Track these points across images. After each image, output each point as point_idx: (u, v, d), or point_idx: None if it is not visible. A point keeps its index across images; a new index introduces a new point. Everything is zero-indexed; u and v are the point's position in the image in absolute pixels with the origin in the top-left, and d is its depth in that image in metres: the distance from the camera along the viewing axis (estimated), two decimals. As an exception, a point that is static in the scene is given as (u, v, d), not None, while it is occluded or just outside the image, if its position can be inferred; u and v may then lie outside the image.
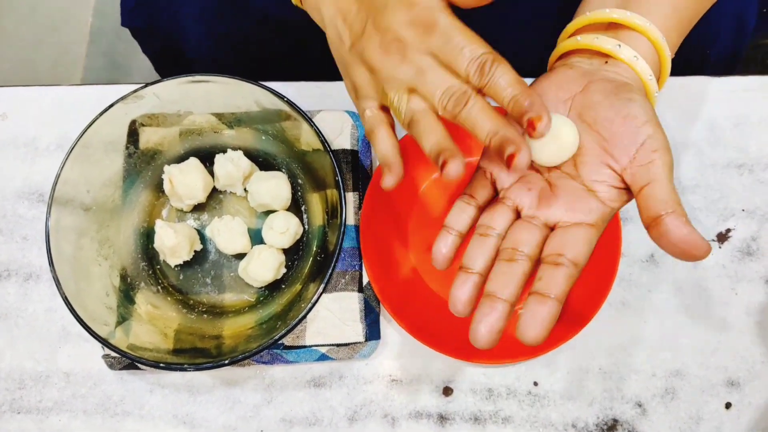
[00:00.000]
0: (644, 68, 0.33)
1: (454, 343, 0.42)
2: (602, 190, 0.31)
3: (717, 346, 0.44)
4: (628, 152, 0.30)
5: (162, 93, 0.41)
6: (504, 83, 0.28)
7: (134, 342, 0.40)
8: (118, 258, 0.42)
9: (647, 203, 0.29)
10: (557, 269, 0.29)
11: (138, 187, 0.44)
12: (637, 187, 0.30)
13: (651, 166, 0.29)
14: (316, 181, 0.43)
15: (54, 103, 0.48)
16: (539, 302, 0.29)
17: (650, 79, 0.33)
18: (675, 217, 0.28)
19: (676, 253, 0.28)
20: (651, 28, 0.33)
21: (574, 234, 0.30)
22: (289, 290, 0.42)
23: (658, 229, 0.28)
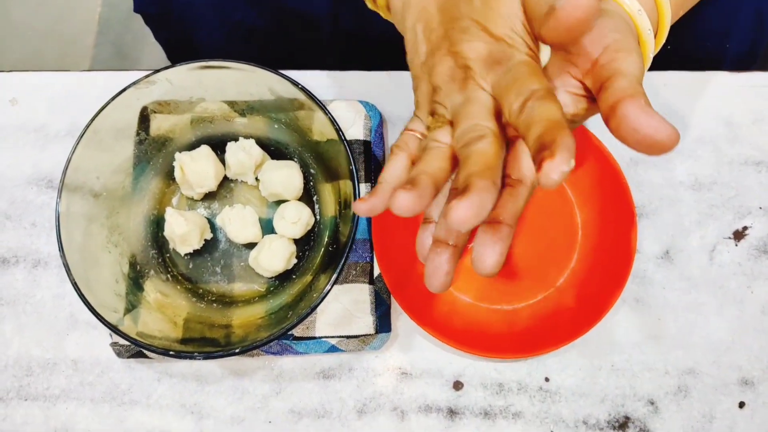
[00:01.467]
0: (631, 4, 0.30)
1: (465, 337, 0.42)
2: (561, 98, 0.28)
3: (731, 344, 0.43)
4: (591, 56, 0.27)
5: (175, 78, 0.40)
6: (539, 118, 0.25)
7: (143, 330, 0.39)
8: (127, 245, 0.42)
9: (605, 95, 0.25)
10: (509, 191, 0.27)
11: (148, 174, 0.43)
12: (596, 87, 0.27)
13: (612, 63, 0.26)
14: (329, 172, 0.42)
15: (64, 89, 0.48)
16: (492, 230, 0.27)
17: (639, 13, 0.30)
18: (632, 101, 0.24)
19: (638, 145, 0.24)
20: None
21: (526, 151, 0.28)
22: (300, 281, 0.42)
23: (614, 119, 0.24)
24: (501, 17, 0.28)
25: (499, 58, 0.27)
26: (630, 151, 0.47)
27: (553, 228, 0.45)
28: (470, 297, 0.44)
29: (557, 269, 0.44)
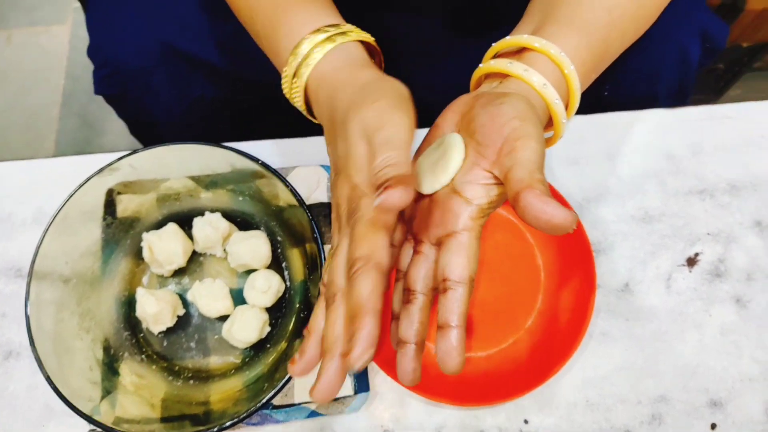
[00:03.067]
0: (535, 78, 0.33)
1: (443, 389, 0.43)
2: (471, 191, 0.31)
3: (696, 368, 0.45)
4: (495, 147, 0.30)
5: (137, 163, 0.41)
6: (352, 299, 0.29)
7: (121, 414, 0.39)
8: (100, 330, 0.42)
9: (509, 186, 0.29)
10: (447, 296, 0.30)
11: (117, 256, 0.44)
12: (503, 176, 0.30)
13: (513, 152, 0.29)
14: (295, 237, 0.44)
15: (28, 178, 0.48)
16: (444, 336, 0.30)
17: (544, 87, 0.33)
18: (529, 191, 0.27)
19: (542, 228, 0.27)
20: (541, 43, 0.34)
21: (449, 249, 0.31)
22: (275, 349, 0.42)
23: (519, 207, 0.28)
24: (354, 167, 0.31)
25: (352, 209, 0.31)
26: (582, 191, 0.49)
27: (517, 272, 0.47)
28: (444, 347, 0.45)
29: (525, 312, 0.46)
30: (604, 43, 0.36)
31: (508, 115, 0.31)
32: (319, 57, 0.34)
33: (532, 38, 0.34)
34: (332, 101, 0.34)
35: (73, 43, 1.09)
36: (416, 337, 0.31)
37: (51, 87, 1.05)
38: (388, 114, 0.30)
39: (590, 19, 0.35)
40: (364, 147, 0.30)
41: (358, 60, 0.35)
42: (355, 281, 0.29)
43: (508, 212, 0.48)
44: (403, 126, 0.30)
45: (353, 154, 0.31)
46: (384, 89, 0.32)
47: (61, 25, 1.10)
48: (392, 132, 0.30)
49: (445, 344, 0.30)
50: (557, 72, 0.34)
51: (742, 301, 0.46)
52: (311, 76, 0.35)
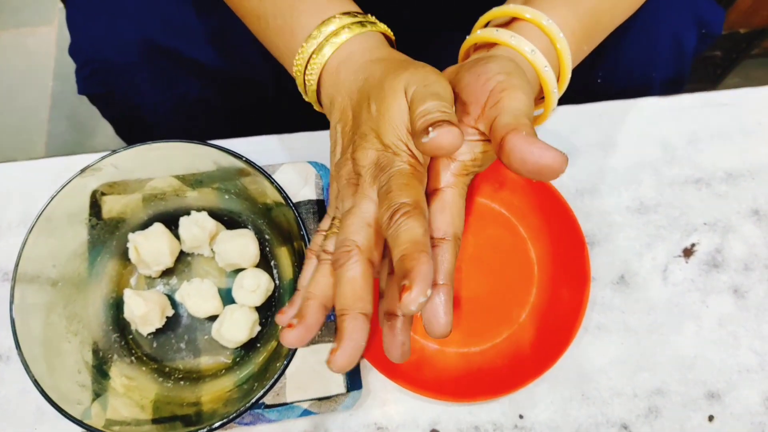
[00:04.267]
0: (522, 44, 0.32)
1: (436, 385, 0.42)
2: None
3: (693, 360, 0.44)
4: (480, 102, 0.29)
5: (120, 163, 0.41)
6: (402, 239, 0.27)
7: (112, 416, 0.39)
8: (88, 332, 0.41)
9: (494, 134, 0.27)
10: (433, 254, 0.28)
11: (104, 258, 0.43)
12: (488, 128, 0.28)
13: (498, 104, 0.28)
14: (283, 235, 0.43)
15: (14, 179, 0.48)
16: (431, 296, 0.28)
17: (533, 54, 0.32)
18: (514, 134, 0.26)
19: (529, 173, 0.25)
20: (532, 13, 0.33)
21: (432, 208, 0.29)
22: (265, 348, 0.42)
23: (504, 154, 0.26)
24: (390, 125, 0.29)
25: (383, 166, 0.29)
26: (575, 182, 0.48)
27: (510, 266, 0.46)
28: (437, 343, 0.45)
29: (518, 306, 0.45)
30: (594, 13, 0.35)
31: (492, 71, 0.29)
32: (346, 37, 0.33)
33: (522, 7, 0.33)
34: (361, 74, 0.32)
35: (60, 44, 1.08)
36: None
37: (39, 89, 1.04)
38: (433, 76, 0.29)
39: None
40: (404, 102, 0.29)
41: (387, 46, 0.34)
42: (405, 223, 0.26)
43: (499, 205, 0.47)
44: (449, 88, 0.29)
45: (391, 110, 0.29)
46: (422, 64, 0.31)
47: (48, 26, 1.09)
48: (439, 88, 0.29)
49: (432, 304, 0.27)
50: (547, 41, 0.33)
51: (739, 291, 0.46)
52: (335, 54, 0.33)
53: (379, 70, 0.31)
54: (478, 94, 0.30)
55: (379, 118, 0.30)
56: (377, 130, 0.30)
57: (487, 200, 0.47)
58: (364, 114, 0.31)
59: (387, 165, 0.29)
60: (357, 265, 0.28)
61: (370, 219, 0.29)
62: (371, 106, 0.30)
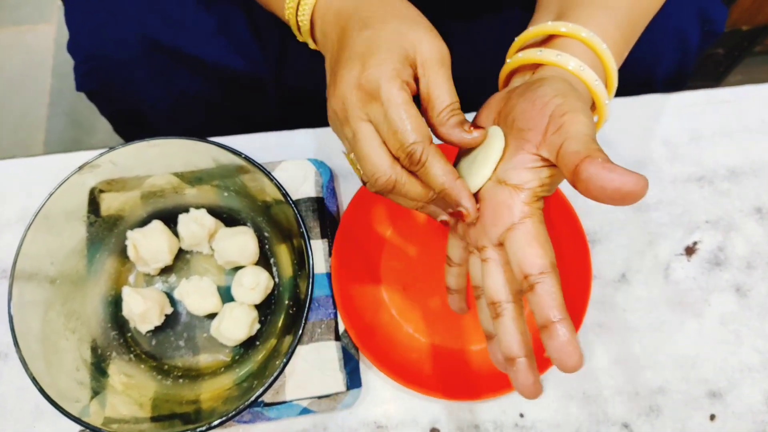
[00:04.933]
0: (568, 60, 0.31)
1: (436, 383, 0.42)
2: (517, 177, 0.30)
3: (696, 359, 0.44)
4: (540, 128, 0.28)
5: (118, 160, 0.40)
6: (434, 173, 0.30)
7: (111, 414, 0.39)
8: (86, 330, 0.41)
9: (563, 161, 0.27)
10: (536, 292, 0.28)
11: (102, 255, 0.43)
12: (554, 156, 0.28)
13: (561, 129, 0.27)
14: (282, 233, 0.43)
15: (12, 176, 0.48)
16: (551, 334, 0.28)
17: (581, 69, 0.32)
18: (590, 162, 0.25)
19: (610, 200, 0.25)
20: (576, 30, 0.32)
21: (516, 242, 0.29)
22: (264, 346, 0.41)
23: (580, 180, 0.26)
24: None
25: (369, 92, 0.30)
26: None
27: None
28: (437, 341, 0.44)
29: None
30: (630, 17, 0.34)
31: (548, 95, 0.29)
32: None
33: (558, 24, 0.33)
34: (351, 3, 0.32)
35: (59, 42, 1.08)
36: (524, 349, 0.30)
37: (38, 87, 1.04)
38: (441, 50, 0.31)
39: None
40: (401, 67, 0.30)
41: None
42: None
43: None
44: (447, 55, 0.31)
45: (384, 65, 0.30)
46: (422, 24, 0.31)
47: (47, 24, 1.09)
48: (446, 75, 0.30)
49: (556, 342, 0.27)
50: (590, 54, 0.32)
51: (742, 289, 0.45)
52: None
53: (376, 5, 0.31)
54: (536, 120, 0.29)
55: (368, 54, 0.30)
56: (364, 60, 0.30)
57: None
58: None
59: (373, 91, 0.30)
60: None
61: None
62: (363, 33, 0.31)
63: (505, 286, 0.30)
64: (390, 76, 0.29)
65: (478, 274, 0.32)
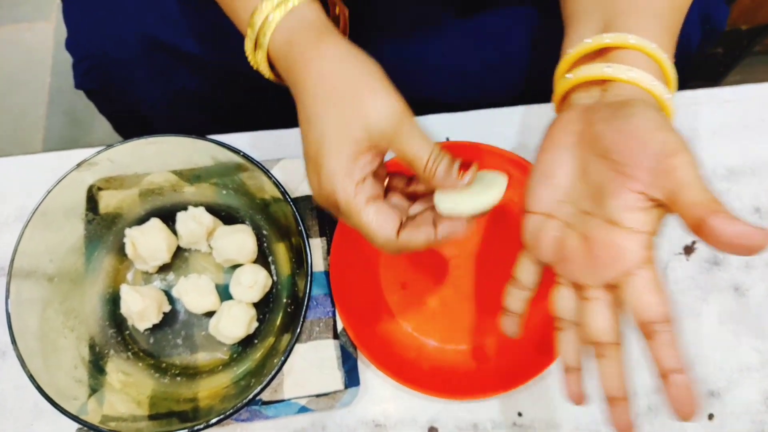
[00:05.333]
0: (642, 77, 0.31)
1: (434, 382, 0.42)
2: (632, 220, 0.29)
3: (694, 358, 0.44)
4: (646, 167, 0.28)
5: (116, 157, 0.40)
6: (417, 246, 0.32)
7: (109, 412, 0.39)
8: (85, 328, 0.41)
9: (685, 211, 0.28)
10: (658, 341, 0.30)
11: (101, 253, 0.43)
12: (668, 198, 0.28)
13: (674, 174, 0.28)
14: (281, 231, 0.43)
15: (11, 174, 0.48)
16: (673, 383, 0.29)
17: (654, 85, 0.31)
18: (717, 217, 0.26)
19: (733, 251, 0.27)
20: (637, 41, 0.32)
21: (638, 289, 0.29)
22: (262, 344, 0.41)
23: (707, 235, 0.27)
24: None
25: (330, 202, 0.33)
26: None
27: (510, 263, 0.45)
28: (436, 340, 0.44)
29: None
30: (673, 23, 0.34)
31: (647, 129, 0.29)
32: (273, 27, 0.32)
33: (622, 35, 0.32)
34: (299, 86, 0.32)
35: (57, 40, 1.08)
36: (626, 392, 0.31)
37: (37, 85, 1.04)
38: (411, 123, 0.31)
39: (657, 2, 0.33)
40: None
41: (314, 27, 0.33)
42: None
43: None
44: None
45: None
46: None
47: (45, 22, 1.09)
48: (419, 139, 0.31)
49: (676, 391, 0.29)
50: (654, 65, 0.32)
51: (740, 289, 0.45)
52: (271, 47, 0.33)
53: (311, 98, 0.32)
54: (638, 157, 0.29)
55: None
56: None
57: (487, 197, 0.47)
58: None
59: (332, 201, 0.32)
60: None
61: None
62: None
63: (613, 328, 0.31)
64: (342, 186, 0.31)
65: (569, 308, 0.33)
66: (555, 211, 0.33)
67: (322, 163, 0.31)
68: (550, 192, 0.33)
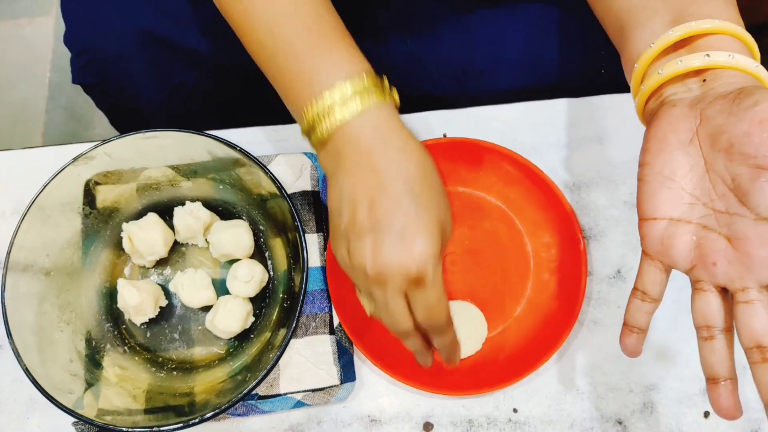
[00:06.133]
0: (746, 62, 0.30)
1: (430, 378, 0.42)
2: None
3: (690, 356, 0.44)
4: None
5: (113, 152, 0.40)
6: (447, 337, 0.35)
7: (105, 406, 0.39)
8: (81, 322, 0.41)
9: None
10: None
11: (98, 247, 0.43)
12: None
13: None
14: (277, 226, 0.43)
15: (9, 168, 0.48)
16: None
17: (757, 68, 0.30)
18: None
19: None
20: (724, 24, 0.30)
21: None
22: (258, 339, 0.41)
23: None
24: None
25: (417, 279, 0.33)
26: (573, 176, 0.48)
27: (506, 259, 0.46)
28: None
29: (513, 300, 0.45)
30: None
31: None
32: (353, 113, 0.33)
33: (707, 21, 0.31)
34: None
35: (57, 35, 1.08)
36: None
37: (37, 80, 1.04)
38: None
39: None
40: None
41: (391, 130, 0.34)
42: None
43: (496, 198, 0.47)
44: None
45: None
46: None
47: (46, 17, 1.09)
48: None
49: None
50: (743, 47, 0.31)
51: (736, 286, 0.45)
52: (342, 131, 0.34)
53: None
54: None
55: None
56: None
57: (484, 193, 0.47)
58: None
59: (421, 278, 0.32)
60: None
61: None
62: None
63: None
64: (436, 261, 0.32)
65: (714, 314, 0.31)
66: (685, 214, 0.31)
67: (418, 231, 0.32)
68: (673, 195, 0.31)
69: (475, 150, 0.46)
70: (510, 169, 0.46)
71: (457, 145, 0.46)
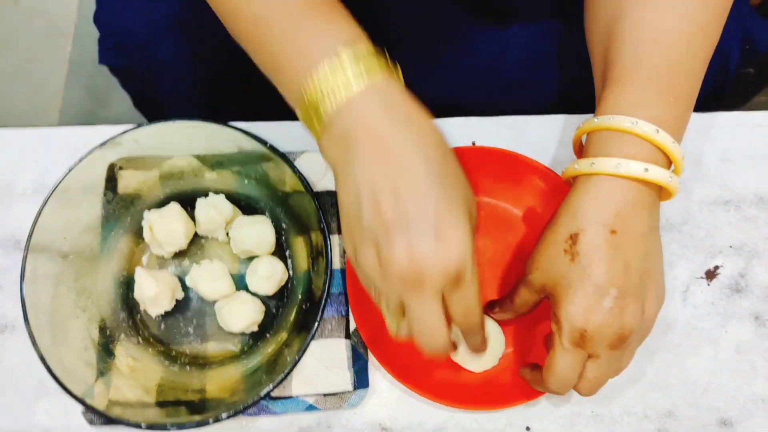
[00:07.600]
0: (631, 170, 0.33)
1: (444, 390, 0.41)
2: None
3: (707, 385, 0.43)
4: None
5: (141, 138, 0.40)
6: (479, 338, 0.35)
7: (115, 396, 0.38)
8: (96, 309, 0.41)
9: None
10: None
11: (117, 234, 0.43)
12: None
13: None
14: (300, 225, 0.42)
15: (30, 146, 0.47)
16: None
17: (646, 172, 0.33)
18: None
19: None
20: (638, 127, 0.33)
21: None
22: (274, 339, 0.41)
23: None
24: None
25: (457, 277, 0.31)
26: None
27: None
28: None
29: (533, 317, 0.44)
30: (679, 84, 0.35)
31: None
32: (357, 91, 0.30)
33: (618, 119, 0.33)
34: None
35: (81, 10, 1.06)
36: None
37: (57, 55, 1.02)
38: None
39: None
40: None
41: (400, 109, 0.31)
42: None
43: (520, 211, 0.46)
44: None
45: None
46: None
47: (71, -9, 1.08)
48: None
49: None
50: (656, 152, 0.33)
51: (761, 318, 0.45)
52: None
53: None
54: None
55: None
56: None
57: (508, 205, 0.46)
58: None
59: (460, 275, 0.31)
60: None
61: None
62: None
63: None
64: (473, 253, 0.30)
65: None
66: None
67: (450, 223, 0.29)
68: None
69: (505, 160, 0.45)
70: (539, 183, 0.45)
71: (485, 154, 0.45)
